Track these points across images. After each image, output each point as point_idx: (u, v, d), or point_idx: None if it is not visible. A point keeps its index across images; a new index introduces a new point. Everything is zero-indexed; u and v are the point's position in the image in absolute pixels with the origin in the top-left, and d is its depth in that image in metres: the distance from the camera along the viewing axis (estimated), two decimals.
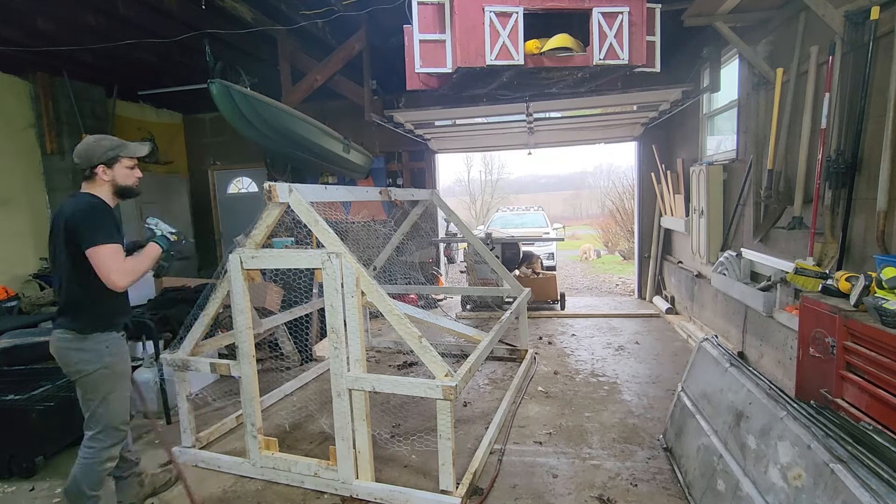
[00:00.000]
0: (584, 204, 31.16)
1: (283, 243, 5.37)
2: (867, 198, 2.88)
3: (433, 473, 2.74)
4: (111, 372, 2.31)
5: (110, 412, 2.32)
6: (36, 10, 4.35)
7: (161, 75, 6.36)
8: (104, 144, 2.31)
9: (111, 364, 2.31)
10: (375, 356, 5.19)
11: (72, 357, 2.26)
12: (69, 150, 6.04)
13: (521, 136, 7.01)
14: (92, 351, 2.26)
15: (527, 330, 4.85)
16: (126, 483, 2.66)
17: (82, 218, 2.18)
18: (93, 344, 2.27)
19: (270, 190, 2.65)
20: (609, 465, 2.94)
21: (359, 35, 5.10)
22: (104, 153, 2.29)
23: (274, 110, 4.42)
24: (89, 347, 2.26)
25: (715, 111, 5.40)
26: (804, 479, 1.74)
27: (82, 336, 2.26)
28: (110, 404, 2.32)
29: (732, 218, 4.74)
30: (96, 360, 2.26)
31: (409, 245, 6.81)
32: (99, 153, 2.29)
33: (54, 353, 2.31)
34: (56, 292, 2.36)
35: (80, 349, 2.25)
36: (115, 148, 2.32)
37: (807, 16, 3.41)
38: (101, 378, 2.29)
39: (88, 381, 2.28)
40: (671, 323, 6.06)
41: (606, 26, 3.45)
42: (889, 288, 2.22)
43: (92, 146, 2.30)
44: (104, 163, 2.30)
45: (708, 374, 2.76)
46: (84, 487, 2.30)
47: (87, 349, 2.26)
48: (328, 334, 2.62)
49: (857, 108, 2.88)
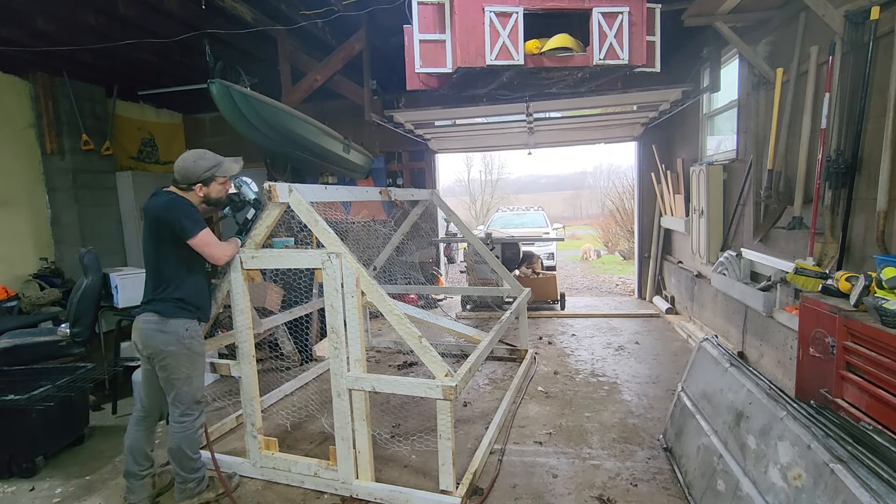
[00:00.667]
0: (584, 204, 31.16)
1: (283, 243, 5.38)
2: (867, 198, 2.88)
3: (433, 473, 2.74)
4: (190, 353, 2.53)
5: (194, 389, 2.58)
6: (36, 10, 4.35)
7: (161, 75, 6.35)
8: (202, 165, 2.52)
9: (190, 346, 2.52)
10: (375, 356, 5.19)
11: (156, 338, 2.46)
12: (69, 150, 6.06)
13: (521, 136, 7.01)
14: (173, 333, 2.47)
15: (527, 330, 4.85)
16: (142, 484, 2.66)
17: (176, 212, 2.42)
18: (173, 327, 2.48)
19: (270, 190, 2.65)
20: (609, 465, 2.94)
21: (359, 35, 5.09)
22: (202, 174, 2.52)
23: (274, 110, 4.41)
24: (170, 330, 2.47)
25: (715, 111, 5.40)
26: (804, 479, 1.74)
27: (165, 319, 2.47)
28: (193, 382, 2.57)
29: (732, 218, 4.74)
30: (176, 341, 2.47)
31: (409, 245, 6.81)
32: (198, 174, 2.51)
33: (137, 335, 2.51)
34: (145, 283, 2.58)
35: (163, 331, 2.47)
36: (211, 168, 2.53)
37: (807, 16, 3.41)
38: (183, 358, 2.50)
39: (172, 361, 2.48)
40: (671, 323, 6.06)
41: (606, 26, 3.45)
42: (889, 288, 2.23)
43: (191, 167, 2.51)
44: (202, 181, 2.53)
45: (708, 374, 2.76)
46: (188, 452, 2.59)
47: (169, 331, 2.47)
48: (328, 334, 2.63)
49: (857, 108, 2.88)
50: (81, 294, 3.77)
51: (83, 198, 6.21)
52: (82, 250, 3.85)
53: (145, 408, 2.66)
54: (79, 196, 6.16)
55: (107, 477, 3.03)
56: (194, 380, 2.57)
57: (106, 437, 3.55)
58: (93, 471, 3.10)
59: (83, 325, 3.82)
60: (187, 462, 2.59)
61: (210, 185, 2.55)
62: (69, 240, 6.05)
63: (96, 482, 2.98)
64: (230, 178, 2.72)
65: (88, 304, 3.81)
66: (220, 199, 2.66)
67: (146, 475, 2.66)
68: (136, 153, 7.40)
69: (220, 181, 2.60)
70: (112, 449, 3.36)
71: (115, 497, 2.81)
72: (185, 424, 2.56)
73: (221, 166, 2.57)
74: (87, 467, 3.15)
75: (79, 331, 3.80)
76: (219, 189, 2.61)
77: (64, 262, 6.04)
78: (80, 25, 4.54)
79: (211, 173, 2.53)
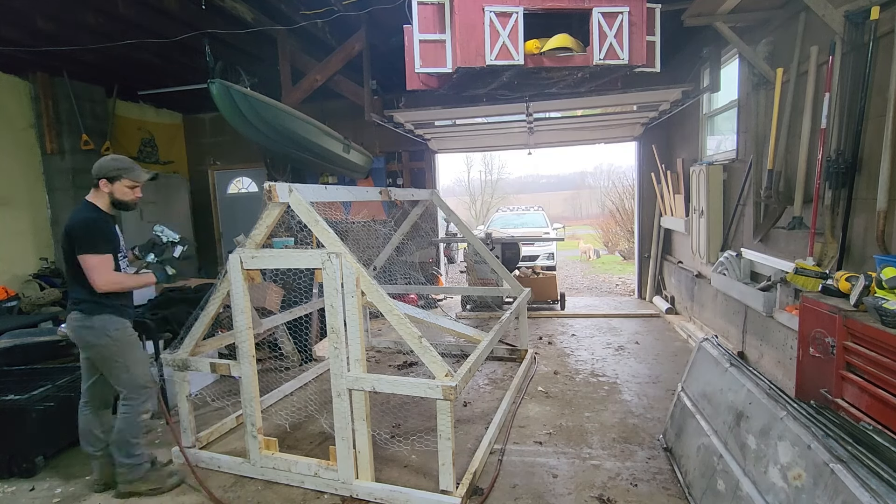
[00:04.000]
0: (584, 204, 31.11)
1: (283, 243, 5.38)
2: (867, 198, 2.88)
3: (433, 473, 2.74)
4: (119, 343, 2.69)
5: (134, 376, 2.73)
6: (36, 10, 4.35)
7: (161, 75, 6.36)
8: (112, 164, 2.70)
9: (118, 337, 2.68)
10: (375, 356, 5.19)
11: (82, 334, 2.66)
12: (69, 150, 6.06)
13: (521, 136, 7.01)
14: (99, 328, 2.64)
15: (527, 330, 4.84)
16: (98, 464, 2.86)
17: (78, 231, 2.60)
18: (98, 322, 2.65)
19: (270, 190, 2.65)
20: (609, 465, 2.94)
21: (359, 35, 5.09)
22: (109, 171, 2.68)
23: (274, 110, 4.41)
24: (96, 325, 2.65)
25: (715, 111, 5.40)
26: (804, 478, 1.74)
27: (88, 316, 2.65)
28: (131, 369, 2.72)
29: (732, 218, 4.74)
30: (103, 335, 2.65)
31: (409, 245, 6.81)
32: (106, 169, 2.69)
33: (70, 333, 2.71)
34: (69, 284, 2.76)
35: (87, 327, 2.65)
36: (120, 169, 2.70)
37: (807, 16, 3.41)
38: (113, 349, 2.68)
39: (104, 353, 2.67)
40: (671, 323, 6.06)
41: (606, 26, 3.45)
42: (889, 288, 2.23)
43: (103, 163, 2.71)
44: (107, 177, 2.68)
45: (708, 374, 2.76)
46: (128, 437, 2.75)
47: (95, 326, 2.65)
48: (328, 334, 2.62)
49: (857, 108, 2.88)
50: None
51: (83, 198, 6.20)
52: None
53: (85, 394, 2.84)
54: (79, 196, 6.12)
55: None
56: (132, 367, 2.72)
57: None
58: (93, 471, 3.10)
59: None
60: (125, 446, 2.74)
61: (114, 184, 2.69)
62: None
63: None
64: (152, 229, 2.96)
65: None
66: (126, 202, 2.76)
67: (100, 455, 2.83)
68: (135, 153, 7.40)
69: (128, 184, 2.72)
70: None
71: (114, 497, 2.81)
72: (127, 408, 2.74)
73: (132, 171, 2.74)
74: (87, 467, 3.13)
75: None
76: (125, 191, 2.73)
77: None
78: (80, 25, 4.55)
79: (118, 173, 2.69)
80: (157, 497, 2.80)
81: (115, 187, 2.71)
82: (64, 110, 6.03)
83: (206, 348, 3.27)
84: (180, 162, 8.32)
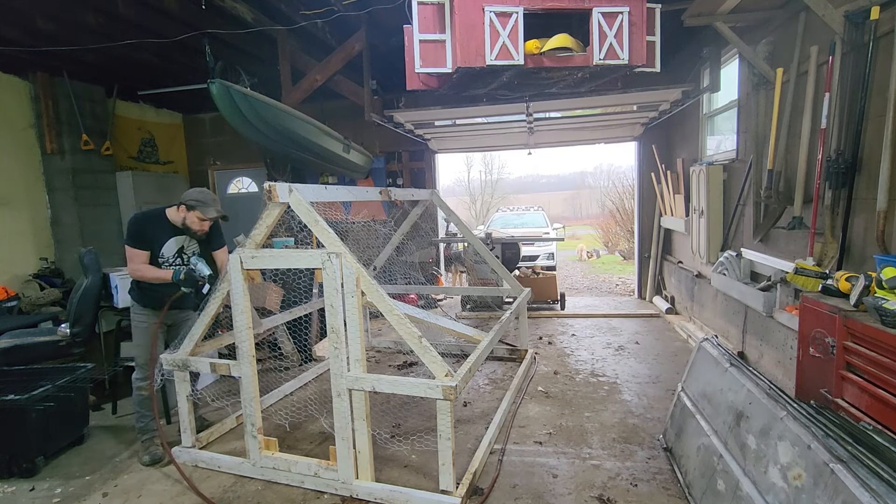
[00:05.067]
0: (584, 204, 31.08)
1: (283, 243, 5.37)
2: (867, 198, 2.88)
3: (433, 473, 2.74)
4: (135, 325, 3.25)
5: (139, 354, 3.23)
6: (36, 10, 4.34)
7: (161, 75, 6.35)
8: (194, 196, 3.10)
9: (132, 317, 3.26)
10: (375, 356, 5.19)
11: None
12: (69, 150, 6.06)
13: (521, 136, 7.01)
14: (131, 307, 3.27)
15: (527, 330, 4.85)
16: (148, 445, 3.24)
17: (128, 224, 3.12)
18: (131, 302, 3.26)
19: (270, 190, 2.65)
20: (609, 465, 2.94)
21: (359, 35, 5.09)
22: (189, 200, 3.09)
23: (274, 110, 4.41)
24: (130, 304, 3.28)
25: (715, 111, 5.40)
26: (804, 478, 1.74)
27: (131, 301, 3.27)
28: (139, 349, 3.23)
29: (732, 218, 4.74)
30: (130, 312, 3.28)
31: (409, 245, 6.80)
32: (188, 197, 3.10)
33: None
34: None
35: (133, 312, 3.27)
36: (198, 202, 3.09)
37: (807, 16, 3.41)
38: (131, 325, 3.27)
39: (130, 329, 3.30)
40: (671, 323, 6.06)
41: (606, 26, 3.45)
42: (889, 288, 2.23)
43: (191, 191, 3.13)
44: (186, 205, 3.10)
45: (708, 374, 2.76)
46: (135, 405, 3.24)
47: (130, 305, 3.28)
48: (328, 334, 2.62)
49: (857, 108, 2.88)
50: (81, 294, 3.77)
51: (83, 198, 6.22)
52: (82, 250, 3.85)
53: None
54: (79, 196, 6.16)
55: (107, 477, 3.03)
56: (140, 348, 3.21)
57: (106, 437, 3.55)
58: (93, 471, 3.11)
59: (83, 325, 3.83)
60: (134, 411, 3.25)
61: (189, 212, 3.09)
62: (69, 240, 6.06)
63: (96, 482, 2.98)
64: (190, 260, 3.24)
65: (88, 304, 3.81)
66: (192, 230, 3.14)
67: None
68: (135, 153, 7.41)
69: (198, 216, 3.09)
70: (112, 449, 3.37)
71: (115, 497, 2.82)
72: (134, 379, 3.21)
73: (206, 207, 3.09)
74: (87, 467, 3.15)
75: (79, 331, 3.80)
76: (194, 221, 3.11)
77: (64, 262, 6.04)
78: (80, 25, 4.54)
79: (194, 204, 3.07)
80: (156, 496, 2.80)
81: (188, 214, 3.09)
82: (64, 110, 6.03)
83: (206, 348, 3.27)
84: (180, 162, 8.31)
